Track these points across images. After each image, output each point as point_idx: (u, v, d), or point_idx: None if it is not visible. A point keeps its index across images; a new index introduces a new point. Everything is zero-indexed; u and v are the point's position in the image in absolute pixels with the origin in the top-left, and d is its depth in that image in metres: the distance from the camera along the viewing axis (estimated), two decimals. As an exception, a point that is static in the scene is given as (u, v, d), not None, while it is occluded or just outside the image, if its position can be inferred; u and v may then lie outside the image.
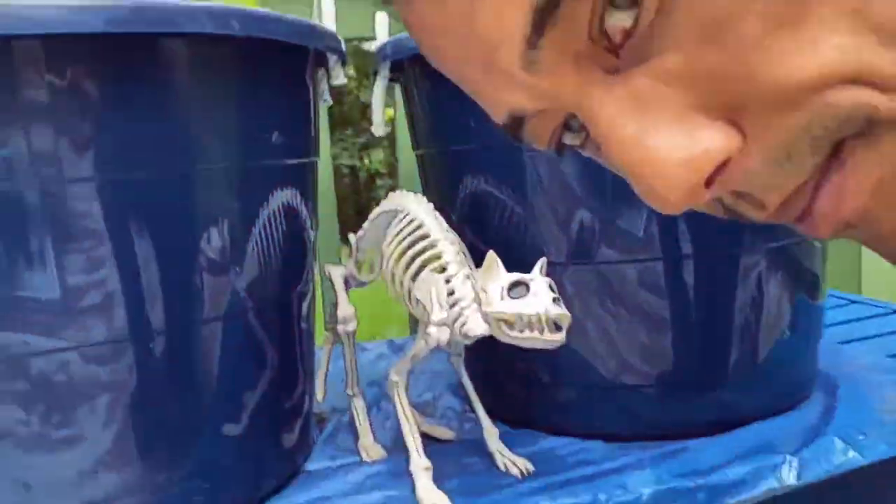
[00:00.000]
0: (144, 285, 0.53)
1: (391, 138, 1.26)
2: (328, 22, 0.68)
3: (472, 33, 0.23)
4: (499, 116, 0.25)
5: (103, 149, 0.50)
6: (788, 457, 0.62)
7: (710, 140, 0.21)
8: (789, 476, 0.60)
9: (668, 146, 0.21)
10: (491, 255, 0.55)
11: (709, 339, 0.70)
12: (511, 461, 0.64)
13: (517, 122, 0.25)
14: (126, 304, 0.52)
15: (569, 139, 0.26)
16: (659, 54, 0.21)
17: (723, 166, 0.22)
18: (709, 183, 0.22)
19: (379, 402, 0.83)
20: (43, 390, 0.51)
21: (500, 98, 0.24)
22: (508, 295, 0.53)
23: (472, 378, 0.71)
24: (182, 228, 0.55)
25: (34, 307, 0.50)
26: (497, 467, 0.65)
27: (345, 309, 0.72)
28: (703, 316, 0.69)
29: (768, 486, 0.59)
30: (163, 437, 0.56)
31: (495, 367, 0.76)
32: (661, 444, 0.67)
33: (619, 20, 0.21)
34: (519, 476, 0.63)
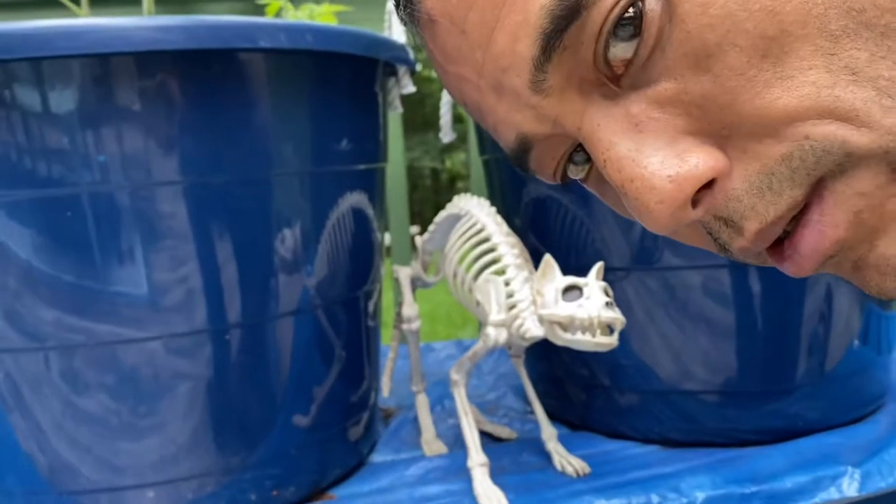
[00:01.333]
0: (223, 282, 0.57)
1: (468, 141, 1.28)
2: (398, 34, 0.71)
3: (487, 58, 0.25)
4: (508, 140, 0.28)
5: (188, 154, 0.54)
6: (851, 468, 0.61)
7: (698, 160, 0.23)
8: (850, 488, 0.59)
9: (658, 163, 0.24)
10: (547, 259, 0.57)
11: (774, 348, 0.69)
12: (567, 461, 0.66)
13: (524, 146, 0.27)
14: (206, 299, 0.57)
15: (573, 172, 0.29)
16: (655, 83, 0.24)
17: (708, 187, 0.24)
18: (695, 203, 0.24)
19: (443, 400, 0.85)
20: (130, 381, 0.56)
21: (510, 119, 0.27)
22: (563, 298, 0.55)
23: (534, 380, 0.73)
24: (258, 229, 0.59)
25: (123, 301, 0.55)
26: (554, 467, 0.66)
27: (409, 308, 0.75)
28: (769, 324, 0.68)
29: (827, 496, 0.59)
30: (237, 425, 0.60)
31: (557, 369, 0.78)
32: (719, 451, 0.67)
33: (620, 51, 0.24)
34: (574, 476, 0.64)
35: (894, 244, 0.24)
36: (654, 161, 0.24)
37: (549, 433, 0.68)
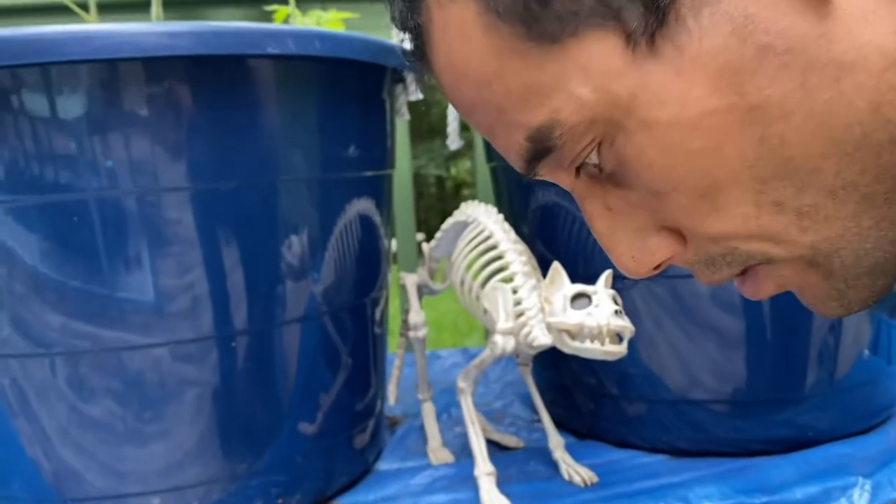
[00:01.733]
0: (230, 288, 0.57)
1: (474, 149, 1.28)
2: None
3: (490, 132, 0.31)
4: (517, 165, 0.32)
5: (195, 160, 0.54)
6: (861, 479, 0.60)
7: (657, 248, 0.30)
8: (861, 499, 0.59)
9: (626, 246, 0.31)
10: (556, 266, 0.56)
11: (783, 358, 0.68)
12: (574, 470, 0.65)
13: (531, 169, 0.32)
14: (213, 305, 0.56)
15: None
16: (624, 186, 0.30)
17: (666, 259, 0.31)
18: (658, 267, 0.31)
19: (450, 408, 0.85)
20: (136, 388, 0.56)
21: (514, 149, 0.31)
22: (571, 306, 0.54)
23: (542, 389, 0.73)
24: (265, 235, 0.59)
25: (130, 307, 0.55)
26: (561, 476, 0.66)
27: (416, 315, 0.75)
28: (778, 334, 0.68)
29: (838, 507, 0.58)
30: (243, 432, 0.59)
31: (565, 378, 0.77)
32: (728, 461, 0.66)
33: (593, 165, 0.30)
34: (581, 485, 0.64)
35: (812, 301, 0.31)
36: (622, 244, 0.31)
37: (556, 442, 0.68)
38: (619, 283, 0.68)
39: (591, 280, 0.56)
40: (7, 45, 0.48)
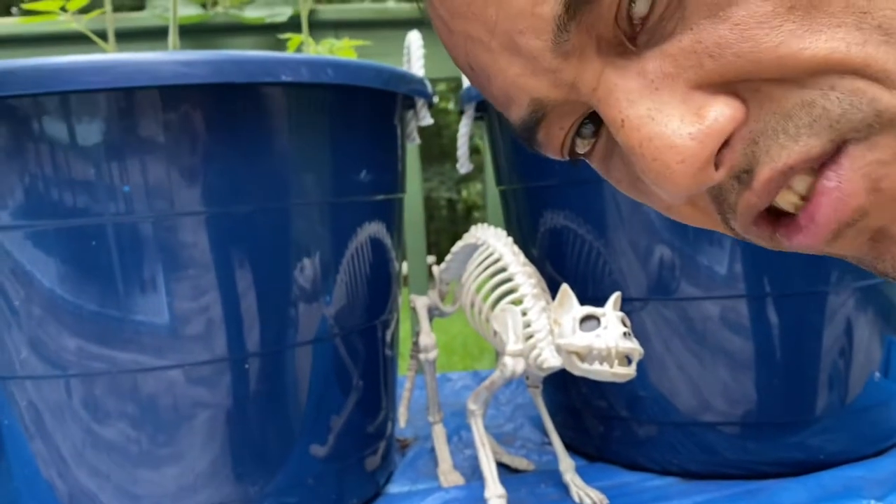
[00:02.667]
0: (243, 310, 0.58)
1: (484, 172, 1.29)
2: (416, 66, 0.72)
3: (501, 16, 0.24)
4: (519, 107, 0.27)
5: (210, 185, 0.55)
6: (874, 502, 0.60)
7: (717, 113, 0.23)
8: (873, 522, 0.58)
9: (678, 122, 0.23)
10: (564, 288, 0.57)
11: (793, 380, 0.68)
12: (585, 493, 0.65)
13: (535, 114, 0.27)
14: (226, 327, 0.57)
15: (580, 147, 0.28)
16: (669, 36, 0.23)
17: (726, 143, 0.23)
18: (717, 165, 0.24)
19: (460, 431, 0.85)
20: (150, 410, 0.56)
21: (523, 84, 0.26)
22: (580, 328, 0.55)
23: (552, 411, 0.73)
24: (279, 257, 0.59)
25: (145, 329, 0.55)
26: (571, 499, 0.66)
27: (426, 338, 0.75)
28: (788, 356, 0.68)
29: (850, 531, 0.58)
30: (256, 453, 0.60)
31: (575, 401, 0.77)
32: (739, 483, 0.66)
33: (641, 5, 0.23)
34: (592, 508, 0.64)
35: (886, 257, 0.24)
36: (673, 119, 0.23)
37: (566, 464, 0.68)
38: (627, 305, 0.69)
39: (600, 303, 0.56)
40: (29, 74, 0.50)
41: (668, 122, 0.23)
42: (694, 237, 0.67)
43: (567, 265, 0.74)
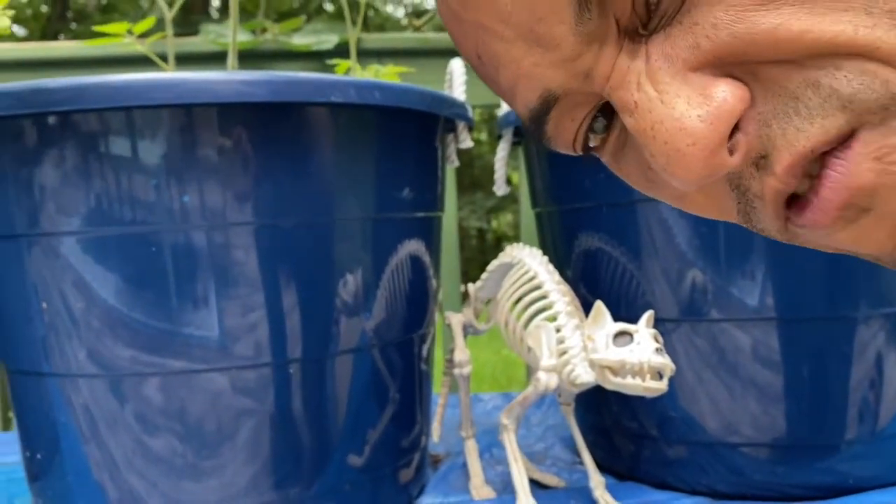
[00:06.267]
0: (287, 315, 0.60)
1: (516, 200, 1.32)
2: (458, 92, 0.75)
3: (517, 6, 0.24)
4: (530, 98, 0.26)
5: (259, 198, 0.58)
6: (904, 527, 0.60)
7: (723, 93, 0.22)
8: (903, 546, 0.59)
9: (685, 104, 0.23)
10: (598, 305, 0.59)
11: (823, 405, 0.69)
12: (615, 509, 0.66)
13: (546, 105, 0.26)
14: (271, 332, 0.60)
15: (592, 140, 0.28)
16: (672, 21, 0.23)
17: (738, 128, 0.23)
18: (732, 151, 0.23)
19: (491, 448, 0.86)
20: (197, 414, 0.59)
21: (536, 74, 0.25)
22: (613, 343, 0.56)
23: (583, 431, 0.74)
24: (321, 267, 0.62)
25: (195, 334, 0.58)
26: (601, 514, 0.67)
27: (461, 353, 0.77)
28: (818, 380, 0.69)
29: (880, 554, 0.58)
30: (297, 460, 0.62)
31: (605, 420, 0.78)
32: (768, 505, 0.67)
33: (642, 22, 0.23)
34: (622, 524, 0.65)
35: None
36: (679, 101, 0.23)
37: (597, 481, 0.69)
38: (659, 326, 0.70)
39: (633, 323, 0.58)
40: (100, 90, 0.53)
41: (675, 105, 0.23)
42: (726, 259, 0.68)
43: (600, 286, 0.75)
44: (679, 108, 0.23)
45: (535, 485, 0.75)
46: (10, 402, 0.68)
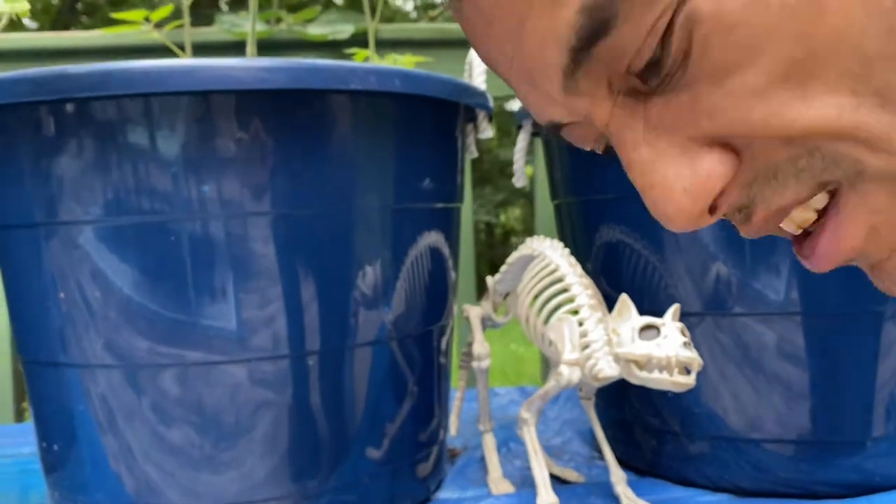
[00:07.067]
0: (305, 306, 0.59)
1: (530, 194, 1.31)
2: (479, 80, 0.74)
3: (516, 53, 0.25)
4: (541, 122, 0.29)
5: (278, 187, 0.58)
6: (933, 526, 0.59)
7: (709, 171, 0.24)
8: (933, 545, 0.58)
9: (674, 174, 0.25)
10: (624, 298, 0.58)
11: (849, 401, 0.68)
12: (637, 505, 0.65)
13: (557, 128, 0.28)
14: (289, 324, 0.59)
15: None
16: (673, 91, 0.24)
17: (722, 192, 0.25)
18: (713, 210, 0.26)
19: (508, 442, 0.86)
20: (215, 405, 0.58)
21: (541, 107, 0.27)
22: (639, 337, 0.55)
23: (603, 426, 0.73)
24: (340, 258, 0.61)
25: (212, 324, 0.57)
26: (623, 510, 0.66)
27: (480, 346, 0.76)
28: (844, 377, 0.68)
29: (909, 553, 0.57)
30: (316, 453, 0.61)
31: (627, 415, 0.77)
32: (792, 502, 0.66)
33: (646, 65, 0.24)
34: (644, 520, 0.64)
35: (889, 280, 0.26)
36: (670, 170, 0.25)
37: (618, 476, 0.68)
38: (683, 320, 0.69)
39: (656, 317, 0.57)
40: (121, 76, 0.53)
41: (665, 173, 0.25)
42: (751, 253, 0.67)
43: (622, 279, 0.74)
44: (669, 176, 0.25)
45: (555, 480, 0.74)
46: (26, 393, 0.67)
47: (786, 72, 0.22)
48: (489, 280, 0.79)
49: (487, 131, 0.74)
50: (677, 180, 0.25)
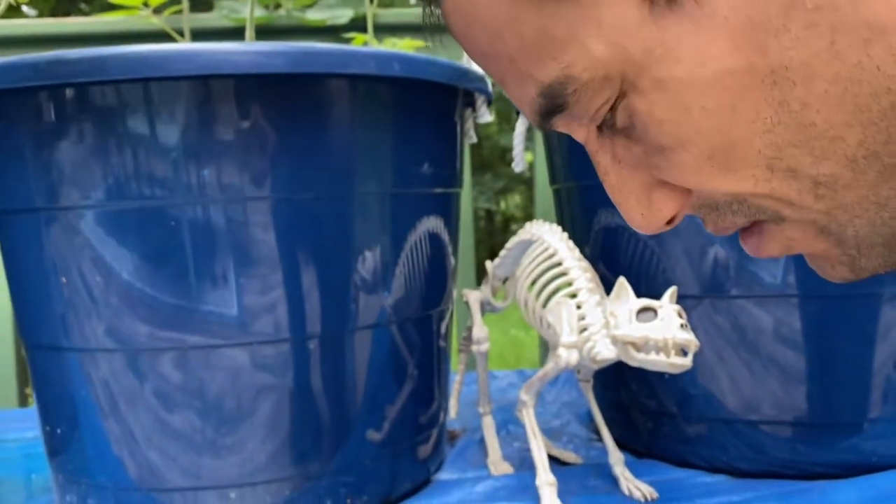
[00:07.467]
0: (305, 291, 0.60)
1: (529, 181, 1.31)
2: (476, 66, 0.74)
3: (505, 74, 0.30)
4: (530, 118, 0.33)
5: (277, 172, 0.58)
6: (928, 505, 0.60)
7: (663, 204, 0.30)
8: (928, 524, 0.58)
9: (634, 202, 0.31)
10: (621, 281, 0.58)
11: (847, 382, 0.68)
12: (634, 486, 0.66)
13: (545, 126, 0.32)
14: (289, 307, 0.59)
15: None
16: (631, 138, 0.30)
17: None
18: (671, 221, 0.31)
19: (507, 425, 0.86)
20: (216, 389, 0.59)
21: (527, 113, 0.32)
22: (637, 319, 0.56)
23: (600, 407, 0.74)
24: (340, 243, 0.61)
25: (214, 310, 0.58)
26: (620, 491, 0.66)
27: (479, 330, 0.77)
28: (842, 358, 0.68)
29: (904, 531, 0.58)
30: (317, 435, 0.62)
31: (624, 398, 0.78)
32: (790, 483, 0.66)
33: (603, 119, 0.30)
34: (642, 500, 0.64)
35: (814, 268, 0.32)
36: (631, 199, 0.31)
37: (616, 458, 0.69)
38: (681, 302, 0.70)
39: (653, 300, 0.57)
40: (117, 61, 0.53)
41: (627, 199, 0.31)
42: (748, 237, 0.67)
43: (620, 263, 0.74)
44: (630, 203, 0.31)
45: (553, 461, 0.74)
46: (30, 378, 0.68)
47: (710, 154, 0.27)
48: (488, 265, 0.79)
49: (486, 116, 0.74)
50: (636, 208, 0.31)
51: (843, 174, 0.26)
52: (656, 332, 0.54)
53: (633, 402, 0.77)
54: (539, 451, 0.65)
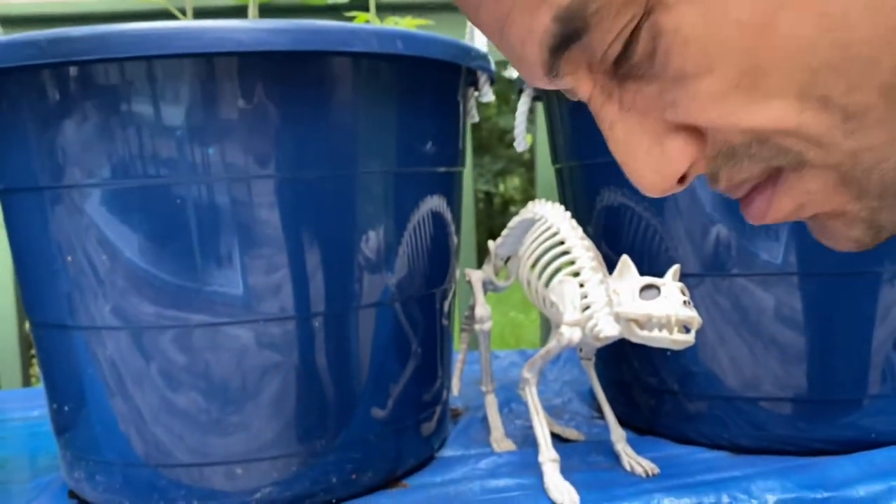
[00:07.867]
0: (309, 269, 0.60)
1: (529, 163, 1.31)
2: (480, 43, 0.74)
3: (502, 39, 0.28)
4: (532, 86, 0.32)
5: (281, 150, 0.58)
6: (926, 480, 0.60)
7: (678, 152, 0.28)
8: (926, 498, 0.59)
9: (644, 155, 0.28)
10: (625, 259, 0.58)
11: (847, 359, 0.69)
12: (636, 462, 0.67)
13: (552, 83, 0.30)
14: (294, 285, 0.60)
15: None
16: (643, 79, 0.27)
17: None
18: (683, 179, 0.29)
19: (510, 403, 0.87)
20: (222, 367, 0.59)
21: (530, 80, 0.30)
22: (640, 296, 0.56)
23: (602, 385, 0.74)
24: (343, 221, 0.62)
25: (219, 295, 0.58)
26: (622, 467, 0.67)
27: (482, 309, 0.77)
28: (842, 335, 0.69)
29: (902, 506, 0.59)
30: (322, 413, 0.62)
31: (625, 376, 0.79)
32: (790, 458, 0.67)
33: (618, 55, 0.27)
34: (643, 476, 0.65)
35: (824, 236, 0.30)
36: (640, 151, 0.28)
37: (618, 434, 0.69)
38: (683, 281, 0.70)
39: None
40: (120, 39, 0.53)
41: (636, 152, 0.28)
42: (750, 215, 0.67)
43: (623, 242, 0.75)
44: (640, 158, 0.28)
45: (556, 438, 0.75)
46: (35, 357, 0.68)
47: (737, 80, 0.25)
48: (490, 244, 0.80)
49: (489, 94, 0.74)
50: (647, 161, 0.28)
51: (877, 105, 0.24)
52: (659, 308, 0.54)
53: (634, 380, 0.78)
54: (541, 427, 0.65)
